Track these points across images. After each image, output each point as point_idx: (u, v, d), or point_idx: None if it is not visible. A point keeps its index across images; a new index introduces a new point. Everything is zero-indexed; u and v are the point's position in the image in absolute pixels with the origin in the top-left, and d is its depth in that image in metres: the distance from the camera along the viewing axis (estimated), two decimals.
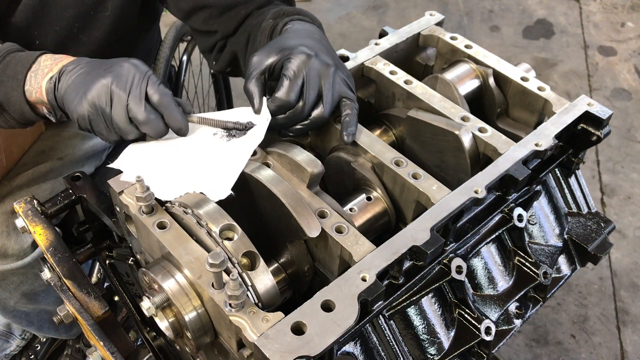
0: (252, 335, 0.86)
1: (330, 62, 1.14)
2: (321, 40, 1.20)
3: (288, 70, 1.11)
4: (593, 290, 2.71)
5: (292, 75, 1.11)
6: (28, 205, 1.26)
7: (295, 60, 1.11)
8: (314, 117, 1.14)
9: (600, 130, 1.23)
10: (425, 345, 1.11)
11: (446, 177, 1.21)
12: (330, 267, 1.05)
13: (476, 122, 1.20)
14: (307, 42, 1.15)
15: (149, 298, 0.98)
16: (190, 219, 1.00)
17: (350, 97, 1.17)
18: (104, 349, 1.12)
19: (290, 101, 1.11)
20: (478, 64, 1.35)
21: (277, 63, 1.14)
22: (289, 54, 1.12)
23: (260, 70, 1.14)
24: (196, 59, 2.45)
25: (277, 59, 1.14)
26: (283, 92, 1.11)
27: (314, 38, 1.19)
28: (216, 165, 1.09)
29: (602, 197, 3.08)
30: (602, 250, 1.32)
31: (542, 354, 2.49)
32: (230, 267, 0.94)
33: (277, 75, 1.15)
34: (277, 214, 1.04)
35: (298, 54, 1.12)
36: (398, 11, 4.22)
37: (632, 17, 4.22)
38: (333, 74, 1.14)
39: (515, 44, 3.98)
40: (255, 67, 1.14)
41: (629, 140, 3.36)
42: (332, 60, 1.16)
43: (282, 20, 1.28)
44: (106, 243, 1.37)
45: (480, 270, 1.21)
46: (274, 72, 1.15)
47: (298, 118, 1.14)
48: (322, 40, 1.20)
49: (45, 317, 1.85)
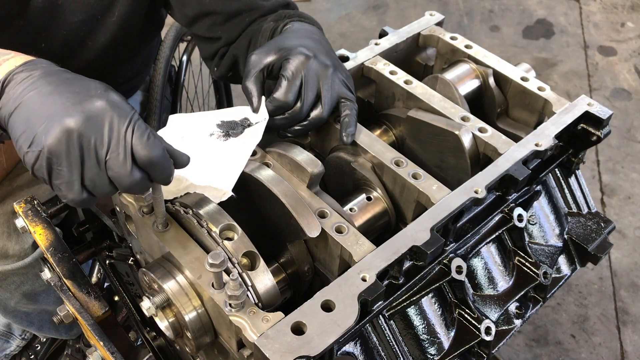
0: (252, 335, 0.86)
1: (329, 63, 1.14)
2: (320, 40, 1.20)
3: (286, 71, 1.11)
4: (593, 290, 2.71)
5: (291, 75, 1.10)
6: (28, 205, 1.26)
7: (293, 60, 1.11)
8: (313, 117, 1.14)
9: (600, 130, 1.23)
10: (425, 345, 1.12)
11: (446, 177, 1.22)
12: (330, 267, 1.05)
13: (476, 122, 1.20)
14: (306, 43, 1.15)
15: (149, 298, 0.98)
16: (190, 219, 1.00)
17: (349, 98, 1.17)
18: (104, 349, 1.12)
19: (288, 102, 1.11)
20: (478, 64, 1.35)
21: (276, 63, 1.13)
22: (288, 55, 1.12)
23: (258, 69, 1.14)
24: (196, 59, 2.44)
25: (275, 58, 1.13)
26: (281, 92, 1.11)
27: (313, 38, 1.19)
28: (216, 167, 1.08)
29: (602, 197, 3.08)
30: (602, 250, 1.32)
31: (542, 354, 2.49)
32: (230, 267, 0.94)
33: (275, 74, 1.14)
34: (277, 214, 1.04)
35: (296, 54, 1.12)
36: (398, 11, 4.22)
37: (632, 17, 4.22)
38: (331, 74, 1.14)
39: (515, 44, 3.98)
40: (254, 66, 1.14)
41: (629, 140, 3.36)
42: (331, 61, 1.16)
43: (283, 22, 1.28)
44: (106, 243, 1.37)
45: (480, 270, 1.21)
46: (273, 72, 1.15)
47: (296, 119, 1.14)
48: (321, 40, 1.20)
49: (45, 317, 1.85)
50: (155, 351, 1.41)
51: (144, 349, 1.44)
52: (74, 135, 0.82)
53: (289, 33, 1.22)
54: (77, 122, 0.82)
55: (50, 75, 0.88)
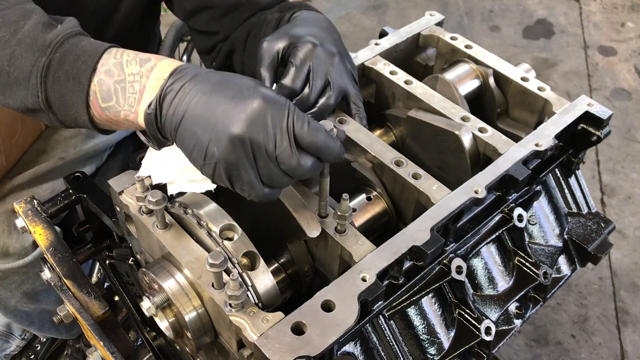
0: (252, 335, 0.86)
1: (336, 51, 1.15)
2: (328, 29, 1.20)
3: (295, 58, 1.11)
4: (593, 290, 2.71)
5: (299, 62, 1.10)
6: (28, 205, 1.26)
7: (302, 48, 1.11)
8: (321, 105, 1.14)
9: (601, 131, 1.23)
10: (425, 345, 1.12)
11: (446, 177, 1.21)
12: (330, 267, 1.05)
13: (476, 122, 1.20)
14: (314, 31, 1.16)
15: (149, 298, 0.98)
16: (190, 219, 1.00)
17: (355, 89, 1.18)
18: (104, 349, 1.12)
19: (295, 88, 1.10)
20: (478, 64, 1.35)
21: (287, 49, 1.13)
22: (296, 42, 1.12)
23: (271, 55, 1.13)
24: (196, 59, 2.45)
25: (287, 44, 1.13)
26: (289, 79, 1.10)
27: (321, 27, 1.19)
28: None
29: (602, 197, 3.08)
30: (602, 251, 1.32)
31: (542, 354, 2.49)
32: (230, 267, 0.94)
33: (285, 62, 1.14)
34: (277, 214, 1.04)
35: (305, 42, 1.12)
36: (398, 11, 4.22)
37: (632, 17, 4.22)
38: (339, 63, 1.14)
39: (515, 44, 3.98)
40: (267, 52, 1.14)
41: (629, 140, 3.36)
42: (338, 49, 1.16)
43: (289, 12, 1.29)
44: (106, 243, 1.37)
45: (480, 271, 1.21)
46: (283, 59, 1.15)
47: (304, 106, 1.13)
48: (329, 29, 1.21)
49: (46, 317, 1.85)
50: (155, 351, 1.41)
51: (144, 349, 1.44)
52: (242, 141, 0.86)
53: (298, 21, 1.22)
54: (241, 128, 0.86)
55: (202, 81, 0.90)
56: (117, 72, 0.94)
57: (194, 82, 0.90)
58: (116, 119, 0.98)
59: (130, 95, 0.94)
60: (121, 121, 0.98)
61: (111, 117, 0.97)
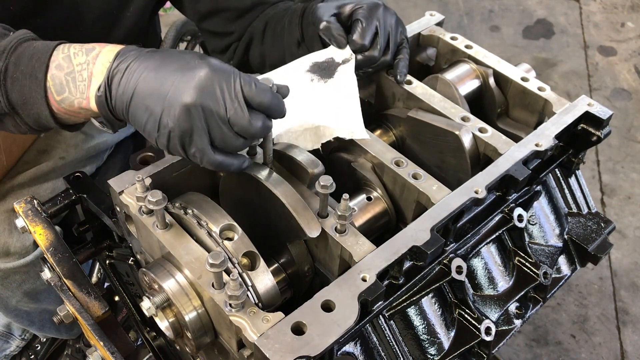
0: (252, 336, 0.86)
1: (394, 12, 1.23)
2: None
3: (363, 16, 1.18)
4: (593, 290, 2.71)
5: (366, 20, 1.18)
6: (28, 205, 1.26)
7: (368, 6, 1.19)
8: (382, 61, 1.23)
9: (601, 131, 1.23)
10: (425, 346, 1.12)
11: (446, 177, 1.21)
12: (331, 267, 1.05)
13: (476, 122, 1.20)
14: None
15: (149, 298, 0.98)
16: (190, 219, 1.00)
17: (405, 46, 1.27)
18: (104, 349, 1.12)
19: (365, 44, 1.18)
20: (478, 64, 1.35)
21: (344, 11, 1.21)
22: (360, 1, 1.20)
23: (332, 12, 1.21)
24: None
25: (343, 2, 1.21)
26: (359, 35, 1.18)
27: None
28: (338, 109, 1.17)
29: (602, 197, 3.08)
30: (602, 251, 1.32)
31: (542, 354, 2.49)
32: (231, 267, 0.94)
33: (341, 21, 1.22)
34: (277, 214, 1.04)
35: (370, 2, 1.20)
36: (398, 11, 4.18)
37: (632, 17, 4.22)
38: (396, 23, 1.23)
39: (515, 44, 3.98)
40: (327, 10, 1.21)
41: (629, 140, 3.36)
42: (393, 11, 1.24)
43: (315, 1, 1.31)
44: (106, 243, 1.37)
45: (481, 271, 1.21)
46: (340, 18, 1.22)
47: (371, 61, 1.21)
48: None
49: (46, 317, 1.85)
50: (155, 351, 1.41)
51: (144, 349, 1.44)
52: (194, 108, 0.89)
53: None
54: (192, 96, 0.89)
55: (147, 59, 0.94)
56: (67, 65, 0.98)
57: (139, 61, 0.93)
58: (72, 110, 1.01)
59: (80, 83, 0.97)
60: (77, 111, 1.01)
61: (67, 108, 1.01)
